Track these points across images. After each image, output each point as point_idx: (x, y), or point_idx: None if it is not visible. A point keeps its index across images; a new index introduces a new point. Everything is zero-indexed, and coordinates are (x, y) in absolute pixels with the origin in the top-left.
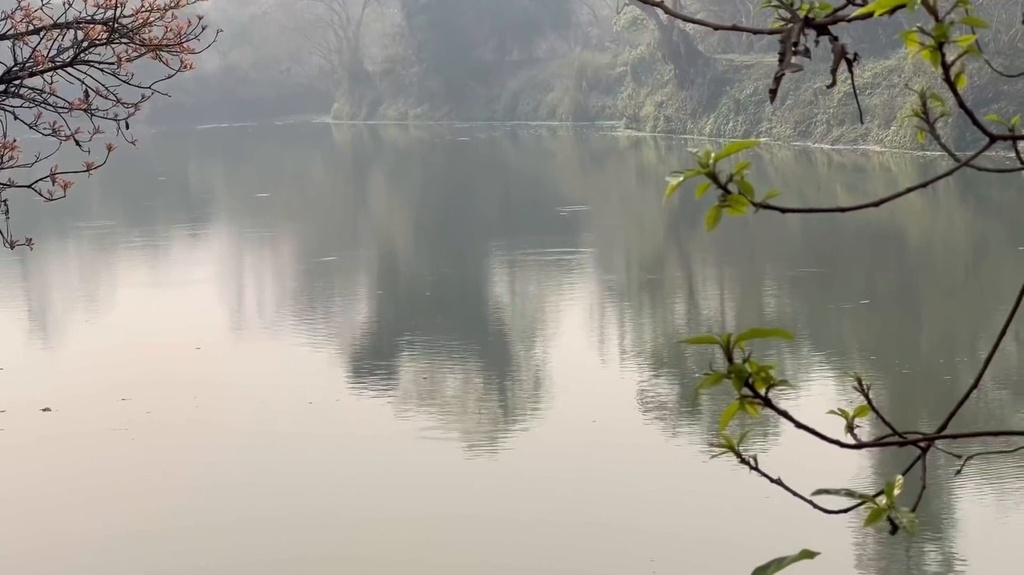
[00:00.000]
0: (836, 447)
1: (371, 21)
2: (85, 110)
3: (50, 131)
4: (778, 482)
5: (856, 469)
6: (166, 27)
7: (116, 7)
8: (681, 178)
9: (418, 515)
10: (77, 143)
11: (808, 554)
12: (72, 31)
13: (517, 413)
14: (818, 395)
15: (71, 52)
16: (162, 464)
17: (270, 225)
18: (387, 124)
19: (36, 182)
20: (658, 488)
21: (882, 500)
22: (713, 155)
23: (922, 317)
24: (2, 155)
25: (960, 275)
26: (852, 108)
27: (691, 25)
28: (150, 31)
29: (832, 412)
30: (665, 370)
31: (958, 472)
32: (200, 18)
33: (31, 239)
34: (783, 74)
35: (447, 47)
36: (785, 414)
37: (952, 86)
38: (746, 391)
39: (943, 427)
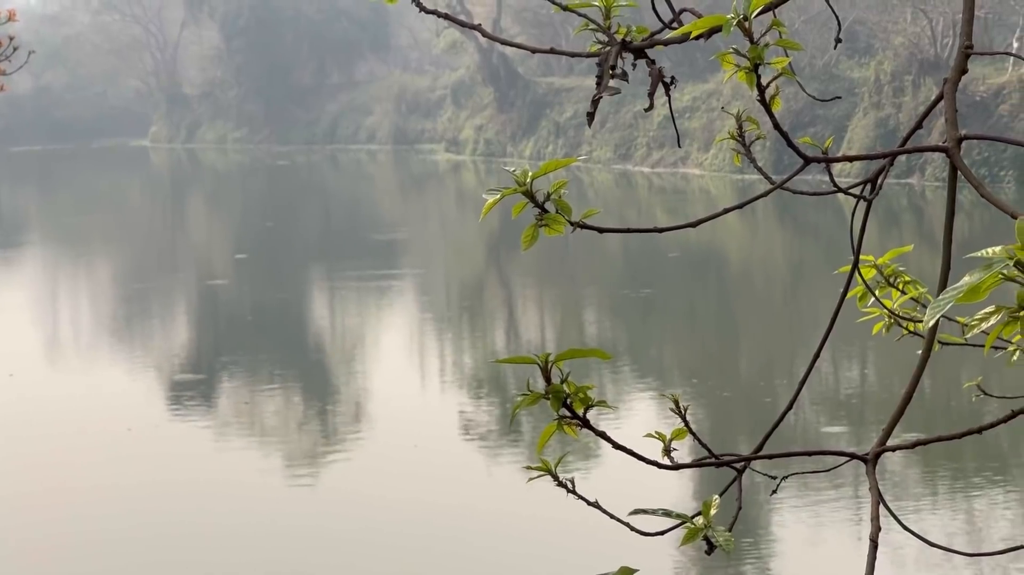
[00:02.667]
0: (656, 469)
1: (189, 43)
2: None
3: None
4: (595, 505)
5: (677, 490)
6: None
7: None
8: (498, 196)
9: (237, 543)
10: None
11: (627, 571)
12: None
13: (338, 439)
14: (640, 417)
15: None
16: None
17: (86, 250)
18: (206, 148)
19: None
20: (479, 512)
21: (699, 520)
22: (530, 174)
23: (742, 339)
24: None
25: (778, 297)
26: (671, 131)
27: (511, 48)
28: None
29: (650, 435)
30: (486, 393)
31: (774, 492)
32: (11, 39)
33: None
34: (601, 97)
35: (266, 70)
36: (603, 435)
37: (767, 108)
38: (564, 412)
39: (759, 448)
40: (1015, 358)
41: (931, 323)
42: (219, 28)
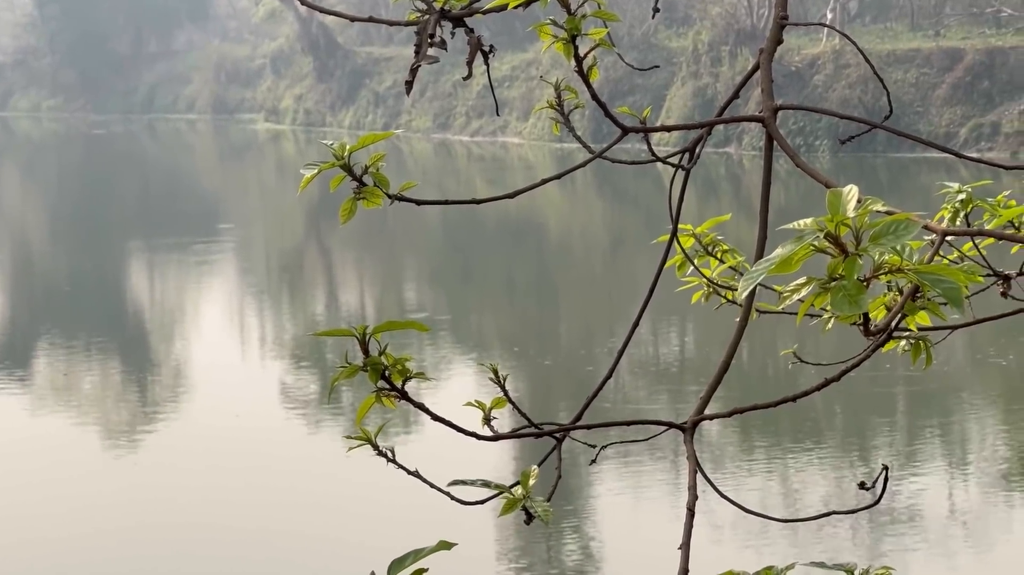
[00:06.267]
0: (476, 439)
1: (0, 10)
2: None
3: None
4: (415, 474)
5: (498, 461)
6: None
7: None
8: (316, 170)
9: (57, 513)
10: None
11: (445, 545)
12: None
13: (158, 409)
14: (462, 387)
15: None
16: None
17: None
18: (19, 116)
19: None
20: (300, 481)
21: (518, 490)
22: (348, 147)
23: (563, 309)
24: None
25: (599, 267)
26: (491, 101)
27: (330, 17)
28: None
29: (470, 404)
30: (308, 364)
31: (592, 462)
32: None
33: None
34: (419, 66)
35: (81, 38)
36: (421, 406)
37: (585, 78)
38: (382, 384)
39: (578, 418)
40: (829, 326)
41: (744, 294)
42: None
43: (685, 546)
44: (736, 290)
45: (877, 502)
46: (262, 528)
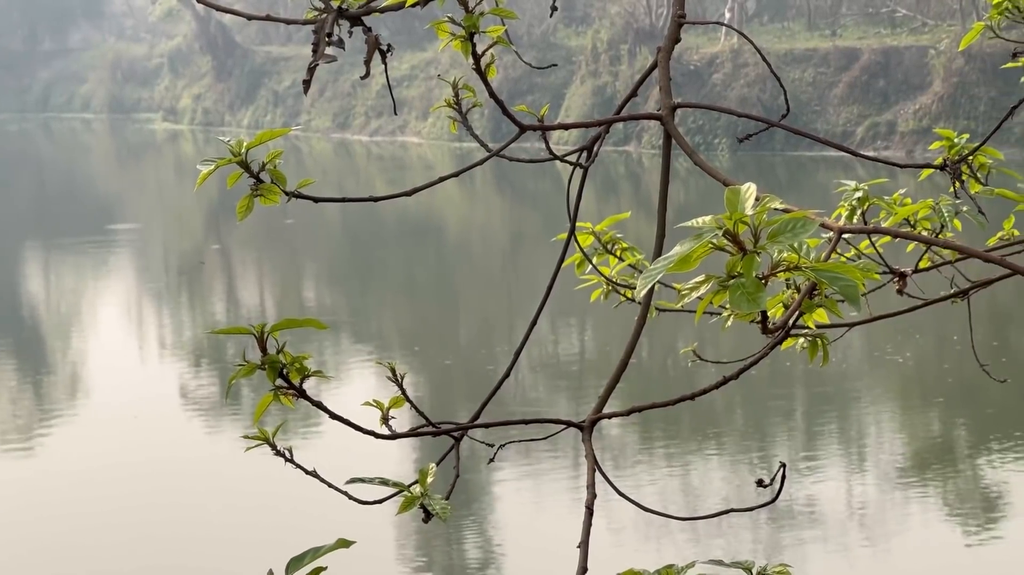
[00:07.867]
0: (374, 438)
1: None
2: None
3: None
4: (313, 474)
5: (399, 459)
6: None
7: None
8: (212, 166)
9: None
10: None
11: (344, 543)
12: None
13: (56, 411)
14: (362, 386)
15: None
16: None
17: None
18: None
19: None
20: (198, 481)
21: (416, 489)
22: (245, 144)
23: (462, 308)
24: None
25: (498, 265)
26: (390, 100)
27: (228, 16)
28: None
29: (368, 403)
30: (207, 363)
31: (491, 461)
32: None
33: None
34: (317, 65)
35: None
36: (319, 405)
37: (483, 77)
38: (280, 382)
39: (476, 417)
40: (728, 324)
41: (642, 293)
42: None
43: (584, 544)
44: (635, 288)
45: (775, 499)
46: (160, 529)
